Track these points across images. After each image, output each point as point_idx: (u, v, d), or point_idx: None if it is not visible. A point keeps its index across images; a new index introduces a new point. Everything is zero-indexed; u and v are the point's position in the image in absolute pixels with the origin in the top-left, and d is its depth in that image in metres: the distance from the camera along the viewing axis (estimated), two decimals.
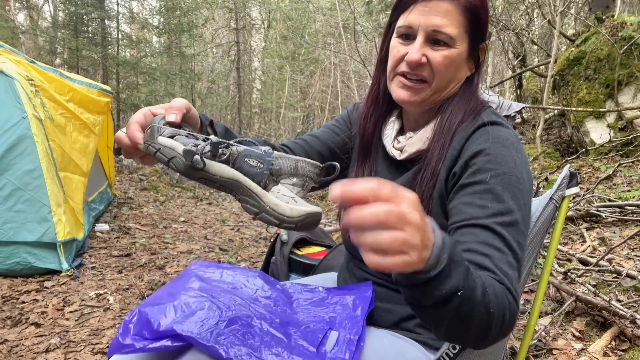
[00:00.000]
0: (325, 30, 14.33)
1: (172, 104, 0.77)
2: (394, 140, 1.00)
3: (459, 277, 0.59)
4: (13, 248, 2.92)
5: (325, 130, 1.15)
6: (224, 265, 1.00)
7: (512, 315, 0.69)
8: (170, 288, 0.87)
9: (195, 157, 0.65)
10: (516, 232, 0.77)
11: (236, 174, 0.67)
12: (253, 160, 0.67)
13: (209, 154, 0.67)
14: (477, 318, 0.63)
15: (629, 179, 4.01)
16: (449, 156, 0.88)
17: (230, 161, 0.67)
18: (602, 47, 5.04)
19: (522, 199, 0.79)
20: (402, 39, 0.90)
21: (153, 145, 0.71)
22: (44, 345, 2.13)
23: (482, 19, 0.89)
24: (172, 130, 0.72)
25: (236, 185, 0.66)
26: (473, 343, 0.69)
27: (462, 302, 0.60)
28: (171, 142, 0.69)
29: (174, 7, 11.53)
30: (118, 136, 0.78)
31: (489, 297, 0.64)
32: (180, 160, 0.67)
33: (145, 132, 0.74)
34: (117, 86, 10.89)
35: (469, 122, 0.89)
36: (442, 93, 0.92)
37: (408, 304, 0.64)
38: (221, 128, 0.93)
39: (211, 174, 0.67)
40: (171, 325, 0.72)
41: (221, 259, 3.71)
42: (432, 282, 0.57)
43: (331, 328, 0.82)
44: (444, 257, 0.57)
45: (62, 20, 11.00)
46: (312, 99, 15.05)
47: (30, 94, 3.13)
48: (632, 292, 2.20)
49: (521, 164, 0.82)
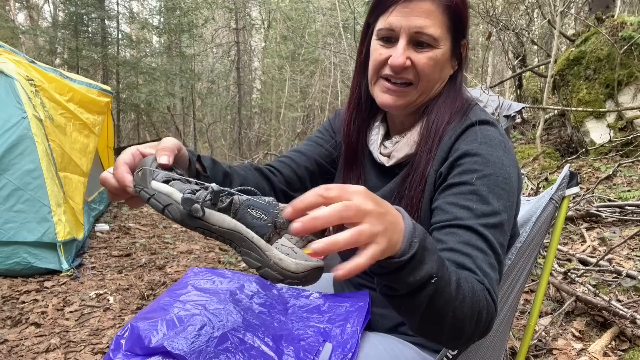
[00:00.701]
0: (325, 30, 14.33)
1: (164, 145, 0.72)
2: (381, 145, 0.98)
3: (432, 264, 0.59)
4: (13, 248, 2.92)
5: (309, 144, 1.11)
6: (219, 272, 1.00)
7: (490, 316, 0.68)
8: (165, 298, 0.87)
9: (194, 205, 0.62)
10: (500, 233, 0.76)
11: (238, 225, 0.62)
12: (256, 211, 0.62)
13: (209, 203, 0.63)
14: (451, 314, 0.62)
15: (629, 179, 4.01)
16: (437, 158, 0.86)
17: (231, 211, 0.63)
18: (602, 47, 5.04)
19: (508, 200, 0.79)
20: (383, 41, 0.88)
21: (146, 191, 0.66)
22: (44, 345, 2.13)
23: (463, 17, 0.88)
24: (166, 174, 0.68)
25: (237, 237, 0.62)
26: (447, 341, 0.68)
27: (435, 291, 0.60)
28: (167, 188, 0.65)
29: (174, 7, 11.53)
30: (104, 177, 0.72)
31: (464, 293, 0.64)
32: (176, 208, 0.64)
33: (136, 175, 0.70)
34: (117, 86, 10.90)
35: (456, 122, 0.88)
36: (427, 94, 0.90)
37: (382, 294, 0.64)
38: (209, 161, 0.88)
39: (210, 224, 0.63)
40: (162, 342, 0.72)
41: (221, 259, 3.71)
42: (405, 268, 0.57)
43: (325, 340, 0.81)
44: (415, 242, 0.57)
45: (62, 20, 11.00)
46: (312, 99, 15.05)
47: (30, 94, 3.13)
48: (632, 292, 2.20)
49: (509, 163, 0.81)
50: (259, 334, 0.78)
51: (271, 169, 1.06)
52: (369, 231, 0.50)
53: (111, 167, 0.73)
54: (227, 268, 3.47)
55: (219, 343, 0.74)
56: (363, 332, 0.89)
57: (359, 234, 0.50)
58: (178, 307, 0.82)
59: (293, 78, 14.98)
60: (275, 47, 15.37)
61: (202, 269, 1.00)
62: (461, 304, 0.63)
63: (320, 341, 0.80)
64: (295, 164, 1.07)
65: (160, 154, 0.70)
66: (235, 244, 0.63)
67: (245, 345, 0.75)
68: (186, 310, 0.80)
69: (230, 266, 3.54)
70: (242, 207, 0.63)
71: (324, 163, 1.10)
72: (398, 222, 0.56)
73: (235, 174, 0.95)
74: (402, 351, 0.88)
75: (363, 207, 0.50)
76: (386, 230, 0.52)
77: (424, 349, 0.92)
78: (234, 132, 15.71)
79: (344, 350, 0.78)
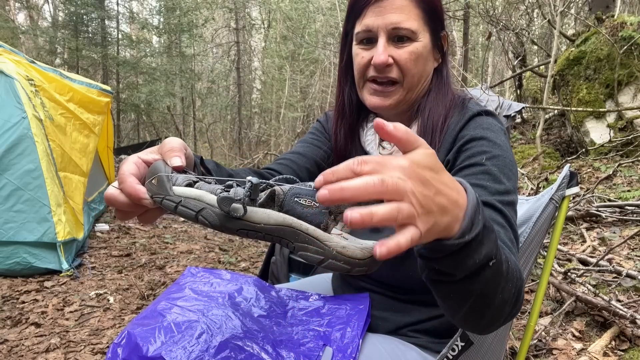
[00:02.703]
0: (325, 30, 14.33)
1: (171, 145, 0.64)
2: (379, 146, 0.97)
3: (491, 245, 0.54)
4: (13, 248, 2.92)
5: (306, 145, 1.09)
6: (217, 272, 0.99)
7: (522, 293, 0.65)
8: (162, 302, 0.86)
9: (233, 205, 0.54)
10: (514, 212, 0.76)
11: (288, 218, 0.54)
12: (305, 199, 0.55)
13: (248, 199, 0.55)
14: (500, 296, 0.59)
15: (629, 179, 4.01)
16: (442, 150, 0.87)
17: (275, 204, 0.56)
18: (602, 47, 5.04)
19: (515, 182, 0.80)
20: (363, 44, 0.89)
21: (169, 199, 0.58)
22: (44, 345, 2.13)
23: (437, 7, 0.89)
24: (186, 177, 0.60)
25: (289, 232, 0.54)
26: (485, 326, 0.64)
27: (492, 274, 0.55)
28: (195, 191, 0.57)
29: (174, 7, 11.54)
30: (110, 195, 0.61)
31: (511, 272, 0.60)
32: (212, 212, 0.55)
33: (149, 184, 0.60)
34: (117, 86, 10.91)
35: (457, 115, 0.89)
36: (415, 91, 0.90)
37: (430, 280, 0.58)
38: (212, 164, 0.84)
39: (254, 223, 0.55)
40: (160, 351, 0.71)
41: (221, 259, 3.71)
42: (465, 250, 0.51)
43: (325, 344, 0.80)
44: (479, 220, 0.51)
45: (62, 20, 11.00)
46: (312, 99, 15.04)
47: (30, 94, 3.13)
48: (632, 292, 2.20)
49: (510, 150, 0.83)
50: (258, 341, 0.78)
51: (272, 172, 1.03)
52: (407, 211, 0.43)
53: (114, 182, 0.64)
54: (226, 268, 3.47)
55: (217, 352, 0.73)
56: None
57: (398, 211, 0.43)
58: (175, 313, 0.80)
59: (293, 78, 14.98)
60: (275, 47, 15.37)
61: (199, 269, 0.99)
62: (508, 284, 0.60)
63: (320, 345, 0.79)
64: (296, 165, 1.06)
65: (170, 156, 0.62)
66: (287, 240, 0.55)
67: (244, 353, 0.74)
68: (184, 316, 0.79)
69: (230, 266, 3.54)
70: (288, 197, 0.56)
71: (323, 165, 1.09)
72: (455, 203, 0.49)
73: (239, 177, 0.93)
74: (404, 352, 0.88)
75: (401, 186, 0.43)
76: (430, 213, 0.45)
77: (425, 350, 0.92)
78: (234, 132, 15.71)
79: (345, 356, 0.78)
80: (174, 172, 0.61)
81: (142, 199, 0.60)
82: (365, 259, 0.52)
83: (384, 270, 0.93)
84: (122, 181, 0.61)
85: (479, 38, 13.08)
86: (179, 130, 14.45)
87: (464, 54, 9.05)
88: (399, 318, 0.93)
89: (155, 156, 0.65)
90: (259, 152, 11.39)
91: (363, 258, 0.52)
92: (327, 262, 0.53)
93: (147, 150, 0.66)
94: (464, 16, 8.80)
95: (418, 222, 0.45)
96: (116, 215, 0.65)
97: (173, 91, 12.60)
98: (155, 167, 0.61)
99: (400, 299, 0.95)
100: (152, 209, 0.62)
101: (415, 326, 0.93)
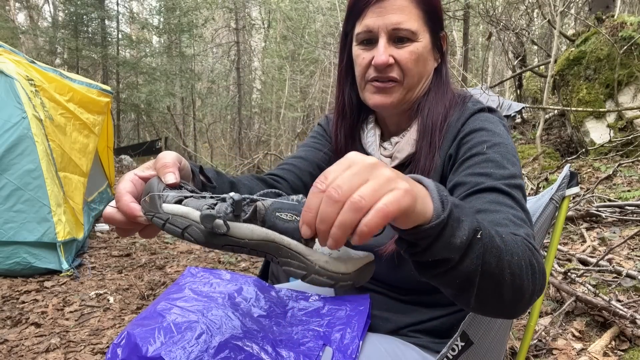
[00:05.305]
0: (325, 30, 14.33)
1: (164, 161, 0.64)
2: (380, 147, 0.98)
3: (470, 218, 0.55)
4: (13, 248, 2.92)
5: (308, 149, 1.09)
6: (217, 272, 0.99)
7: (541, 267, 0.64)
8: (162, 303, 0.86)
9: (215, 221, 0.55)
10: (523, 195, 0.75)
11: (270, 233, 0.55)
12: (286, 213, 0.55)
13: (231, 215, 0.56)
14: (508, 270, 0.58)
15: (629, 179, 4.01)
16: (443, 147, 0.87)
17: (258, 219, 0.56)
18: (602, 47, 5.04)
19: (519, 168, 0.79)
20: (363, 45, 0.89)
21: (159, 217, 0.59)
22: (44, 345, 2.13)
23: (437, 8, 0.90)
24: (176, 194, 0.61)
25: (272, 246, 0.55)
26: (510, 305, 0.62)
27: (485, 248, 0.55)
28: (181, 208, 0.58)
29: (174, 7, 11.55)
30: (109, 214, 0.64)
31: (510, 244, 0.60)
32: (196, 229, 0.57)
33: (143, 202, 0.62)
34: (117, 86, 10.91)
35: (458, 114, 0.89)
36: (415, 90, 0.91)
37: (431, 276, 0.58)
38: (212, 173, 0.83)
39: (238, 238, 0.56)
40: (159, 351, 0.72)
41: (221, 259, 3.71)
42: (448, 229, 0.52)
43: (325, 344, 0.80)
44: (446, 196, 0.52)
45: (62, 20, 11.01)
46: (312, 99, 15.05)
47: (30, 94, 3.13)
48: (632, 292, 2.20)
49: (509, 138, 0.84)
50: (258, 341, 0.77)
51: (275, 178, 1.02)
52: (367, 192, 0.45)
53: (112, 201, 0.65)
54: (226, 268, 3.47)
55: (217, 352, 0.73)
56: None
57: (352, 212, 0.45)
58: (175, 313, 0.80)
59: (293, 78, 14.98)
60: (275, 47, 15.37)
61: (199, 269, 0.99)
62: (513, 257, 0.59)
63: (320, 345, 0.79)
64: (299, 169, 1.05)
65: (164, 172, 0.63)
66: (272, 255, 0.56)
67: (244, 353, 0.74)
68: (183, 317, 0.79)
69: (230, 266, 3.54)
70: (270, 212, 0.56)
71: (326, 167, 1.08)
72: (415, 188, 0.49)
73: (241, 184, 0.92)
74: (404, 352, 0.88)
75: (345, 188, 0.45)
76: (396, 190, 0.46)
77: (425, 349, 0.92)
78: (234, 132, 15.72)
79: (345, 357, 0.78)
80: (166, 189, 0.62)
81: (137, 216, 0.62)
82: (350, 272, 0.52)
83: (384, 270, 0.93)
84: (118, 200, 0.63)
85: (479, 38, 13.09)
86: (179, 130, 14.45)
87: (464, 54, 9.06)
88: (400, 318, 0.93)
89: (151, 172, 0.66)
90: (258, 152, 11.39)
91: (347, 272, 0.52)
92: (310, 277, 0.53)
93: (143, 166, 0.67)
94: (464, 16, 8.80)
95: (396, 186, 0.46)
96: (116, 232, 0.67)
97: (173, 91, 12.60)
98: (149, 185, 0.63)
99: (401, 299, 0.95)
100: (151, 225, 0.63)
101: (416, 326, 0.93)
